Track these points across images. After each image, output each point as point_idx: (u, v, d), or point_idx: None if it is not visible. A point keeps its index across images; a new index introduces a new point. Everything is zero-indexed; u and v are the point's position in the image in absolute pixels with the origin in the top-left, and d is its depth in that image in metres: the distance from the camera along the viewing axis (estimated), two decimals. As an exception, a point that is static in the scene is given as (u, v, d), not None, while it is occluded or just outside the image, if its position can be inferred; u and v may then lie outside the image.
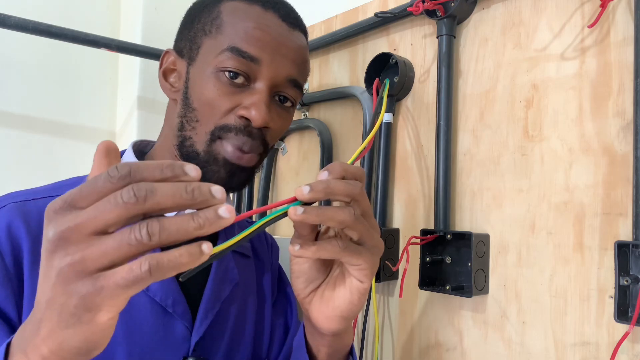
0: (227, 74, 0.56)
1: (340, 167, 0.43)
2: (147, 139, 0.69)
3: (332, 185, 0.41)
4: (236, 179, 0.58)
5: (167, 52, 0.63)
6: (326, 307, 0.49)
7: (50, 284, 0.30)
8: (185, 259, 0.29)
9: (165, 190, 0.29)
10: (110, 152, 0.34)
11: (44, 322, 0.31)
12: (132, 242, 0.29)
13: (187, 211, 0.30)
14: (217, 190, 0.31)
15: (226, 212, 0.30)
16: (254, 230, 0.39)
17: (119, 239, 0.29)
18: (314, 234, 0.46)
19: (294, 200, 0.41)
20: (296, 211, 0.39)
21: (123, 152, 0.65)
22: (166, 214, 0.30)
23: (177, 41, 0.63)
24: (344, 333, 0.52)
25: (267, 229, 0.87)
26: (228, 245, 0.36)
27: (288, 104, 0.61)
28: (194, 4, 0.63)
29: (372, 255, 0.45)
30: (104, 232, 0.30)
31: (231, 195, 0.67)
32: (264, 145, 0.60)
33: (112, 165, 0.32)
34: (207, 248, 0.30)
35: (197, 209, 0.30)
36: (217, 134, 0.57)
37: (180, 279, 0.34)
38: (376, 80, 0.81)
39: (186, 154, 0.59)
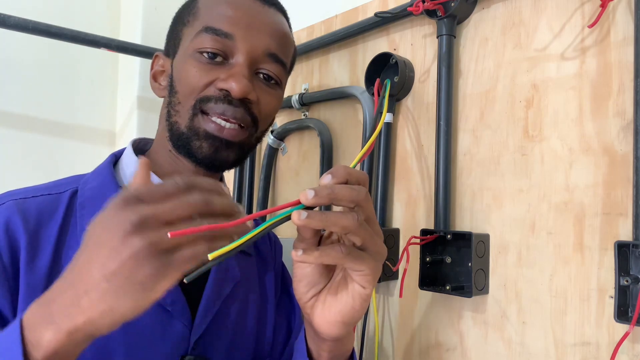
0: (205, 54, 0.58)
1: (344, 171, 0.43)
2: (147, 137, 0.69)
3: (337, 191, 0.41)
4: (220, 154, 0.59)
5: (156, 55, 0.66)
6: (328, 312, 0.48)
7: (120, 259, 0.36)
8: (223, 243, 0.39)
9: (218, 200, 0.39)
10: (149, 165, 0.44)
11: (93, 292, 0.37)
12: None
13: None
14: (240, 206, 0.42)
15: (250, 223, 0.41)
16: (256, 234, 0.39)
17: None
18: (317, 237, 0.46)
19: (298, 204, 0.41)
20: (299, 215, 0.39)
21: (123, 150, 0.65)
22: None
23: (165, 45, 0.66)
24: (345, 338, 0.52)
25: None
26: (230, 248, 0.37)
27: (273, 82, 0.62)
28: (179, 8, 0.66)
29: (375, 262, 0.45)
30: (172, 223, 0.37)
31: (230, 192, 0.67)
32: (252, 118, 0.60)
33: (149, 173, 0.43)
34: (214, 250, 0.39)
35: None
36: (199, 106, 0.58)
37: (185, 280, 0.38)
38: (377, 81, 0.81)
39: (175, 139, 0.60)
